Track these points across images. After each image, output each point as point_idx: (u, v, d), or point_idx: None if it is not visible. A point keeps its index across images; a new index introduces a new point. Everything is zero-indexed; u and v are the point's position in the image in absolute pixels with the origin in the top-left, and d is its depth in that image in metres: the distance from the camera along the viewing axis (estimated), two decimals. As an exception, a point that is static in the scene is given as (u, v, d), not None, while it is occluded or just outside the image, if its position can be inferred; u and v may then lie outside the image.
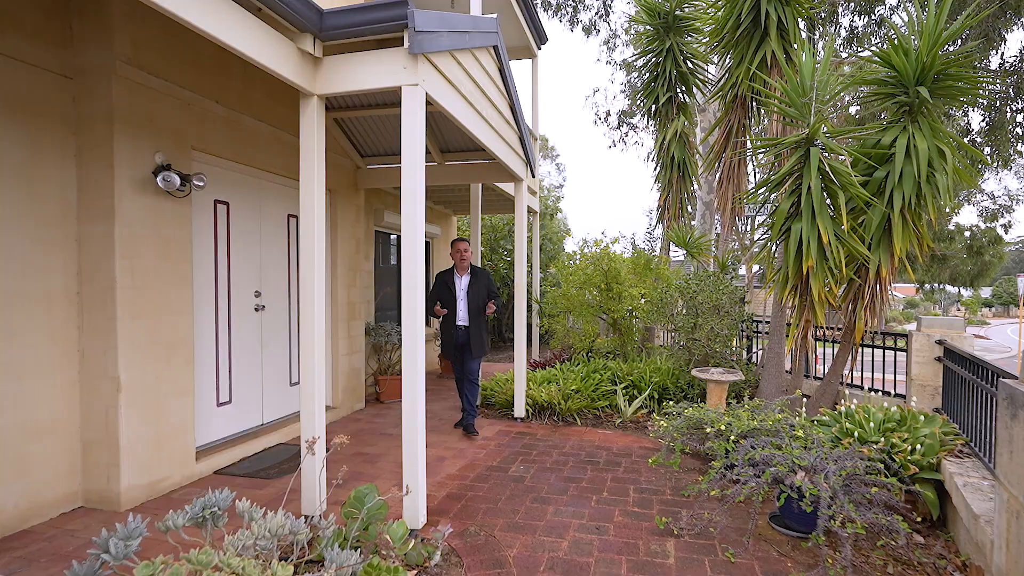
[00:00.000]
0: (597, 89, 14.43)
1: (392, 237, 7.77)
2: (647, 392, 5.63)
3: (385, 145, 5.79)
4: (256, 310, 4.67)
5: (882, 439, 3.20)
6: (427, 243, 8.91)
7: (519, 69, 9.87)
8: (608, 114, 14.36)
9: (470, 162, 5.70)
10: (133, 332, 3.35)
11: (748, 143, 5.66)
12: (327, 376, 5.59)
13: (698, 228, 9.90)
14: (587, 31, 13.69)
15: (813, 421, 3.91)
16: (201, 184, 3.59)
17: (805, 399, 4.31)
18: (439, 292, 5.08)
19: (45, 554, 2.77)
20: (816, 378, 5.60)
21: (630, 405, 5.57)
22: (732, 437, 3.50)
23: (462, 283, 5.04)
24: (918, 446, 3.17)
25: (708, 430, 3.64)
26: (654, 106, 8.09)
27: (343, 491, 3.64)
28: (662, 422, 3.86)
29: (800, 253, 4.06)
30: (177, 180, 3.43)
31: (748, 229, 10.15)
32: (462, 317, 5.00)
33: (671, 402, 5.61)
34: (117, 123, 3.26)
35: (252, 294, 4.63)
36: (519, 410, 5.49)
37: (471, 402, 5.05)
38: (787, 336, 5.01)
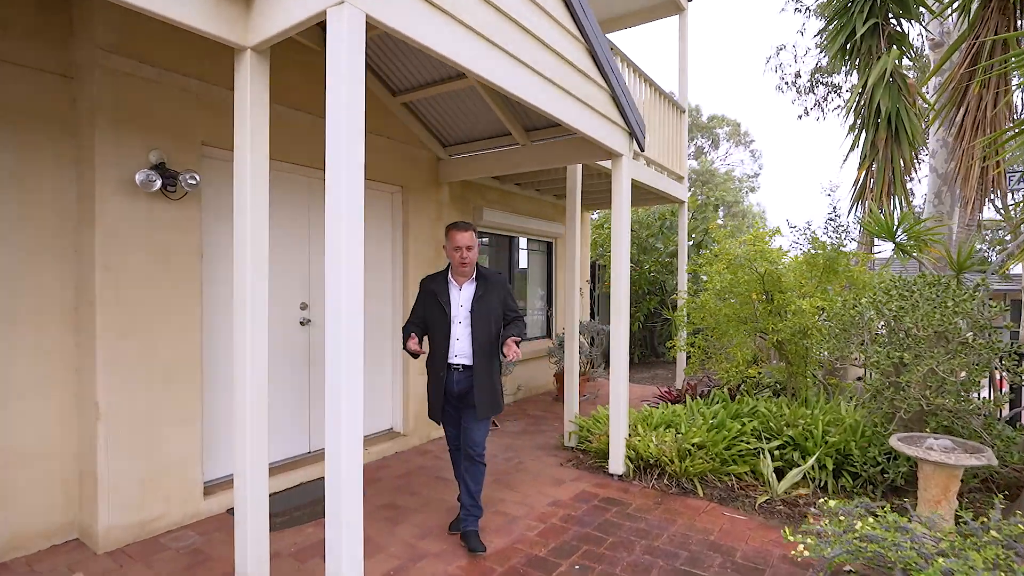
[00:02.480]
0: (782, 47, 11.53)
1: (489, 238, 6.90)
2: (815, 457, 3.73)
3: (469, 129, 4.90)
4: (302, 324, 4.17)
5: None
6: (549, 244, 7.84)
7: (663, 29, 8.20)
8: (798, 75, 11.38)
9: (556, 139, 4.48)
10: (118, 352, 2.97)
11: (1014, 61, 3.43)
12: (396, 398, 4.92)
13: (929, 210, 6.99)
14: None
15: None
16: (194, 182, 3.11)
17: None
18: (424, 309, 3.15)
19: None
20: None
21: (782, 476, 3.76)
22: (950, 612, 1.74)
23: (462, 295, 3.07)
24: None
25: (895, 583, 1.91)
26: (849, 43, 5.80)
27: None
28: (802, 547, 2.20)
29: None
30: (159, 180, 2.97)
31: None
32: (460, 351, 3.02)
33: (852, 480, 3.66)
34: (99, 118, 2.91)
35: (297, 306, 4.13)
36: (615, 464, 4.09)
37: (471, 493, 3.07)
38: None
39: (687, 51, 7.49)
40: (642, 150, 4.32)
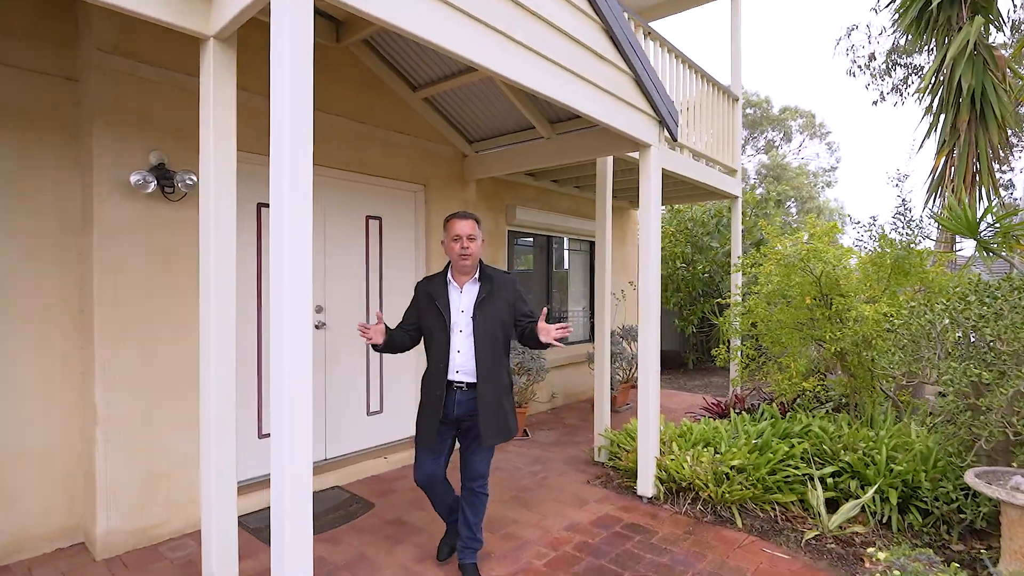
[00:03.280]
0: (854, 27, 10.48)
1: (524, 238, 6.62)
2: (876, 488, 3.22)
3: (494, 123, 4.67)
4: (317, 327, 4.08)
5: None
6: (591, 244, 7.48)
7: (714, 11, 7.61)
8: (872, 58, 10.32)
9: (581, 130, 4.16)
10: (116, 354, 2.94)
11: None
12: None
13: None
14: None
15: None
16: (191, 183, 3.05)
17: None
18: (419, 316, 2.72)
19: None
20: None
21: (834, 510, 3.26)
22: None
23: (463, 298, 2.64)
24: None
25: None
26: (924, 13, 5.11)
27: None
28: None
29: None
30: (154, 181, 2.92)
31: None
32: (463, 365, 2.57)
33: (921, 517, 3.12)
34: (98, 119, 2.88)
35: (312, 309, 4.04)
36: (644, 486, 3.71)
37: (471, 525, 2.66)
38: None
39: (740, 32, 6.88)
40: (674, 139, 3.92)
